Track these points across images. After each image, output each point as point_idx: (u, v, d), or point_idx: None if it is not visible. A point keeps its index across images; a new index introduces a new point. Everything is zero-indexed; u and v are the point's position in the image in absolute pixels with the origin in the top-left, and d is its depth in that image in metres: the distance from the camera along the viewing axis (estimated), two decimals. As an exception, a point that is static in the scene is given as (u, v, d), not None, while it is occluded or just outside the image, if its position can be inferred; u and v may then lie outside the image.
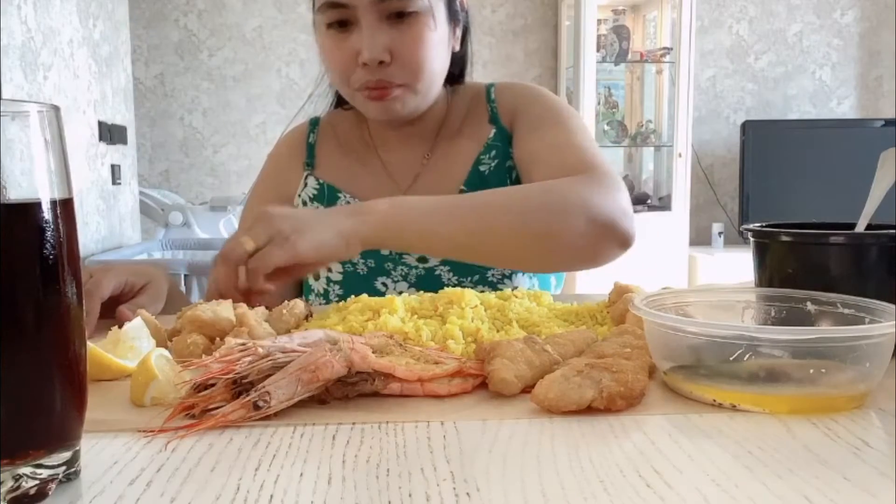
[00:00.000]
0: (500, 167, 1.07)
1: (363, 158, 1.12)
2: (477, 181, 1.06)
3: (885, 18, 3.80)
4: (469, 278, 1.04)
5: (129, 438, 0.46)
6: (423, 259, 1.04)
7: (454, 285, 1.02)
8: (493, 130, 1.09)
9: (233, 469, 0.41)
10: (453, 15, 1.04)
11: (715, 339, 0.51)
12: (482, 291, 0.77)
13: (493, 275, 1.04)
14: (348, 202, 1.08)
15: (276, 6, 3.67)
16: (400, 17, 0.96)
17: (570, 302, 0.78)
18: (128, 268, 0.90)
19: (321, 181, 1.10)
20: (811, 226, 0.67)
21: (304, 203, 1.11)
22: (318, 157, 1.14)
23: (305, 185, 1.11)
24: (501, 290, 0.81)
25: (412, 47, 0.97)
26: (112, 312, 0.81)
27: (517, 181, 1.06)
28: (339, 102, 1.18)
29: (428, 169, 1.10)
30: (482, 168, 1.06)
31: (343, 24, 0.97)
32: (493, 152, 1.07)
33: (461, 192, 1.05)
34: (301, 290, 1.15)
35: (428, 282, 1.03)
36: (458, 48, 1.07)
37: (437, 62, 1.01)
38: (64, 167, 0.39)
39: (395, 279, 1.05)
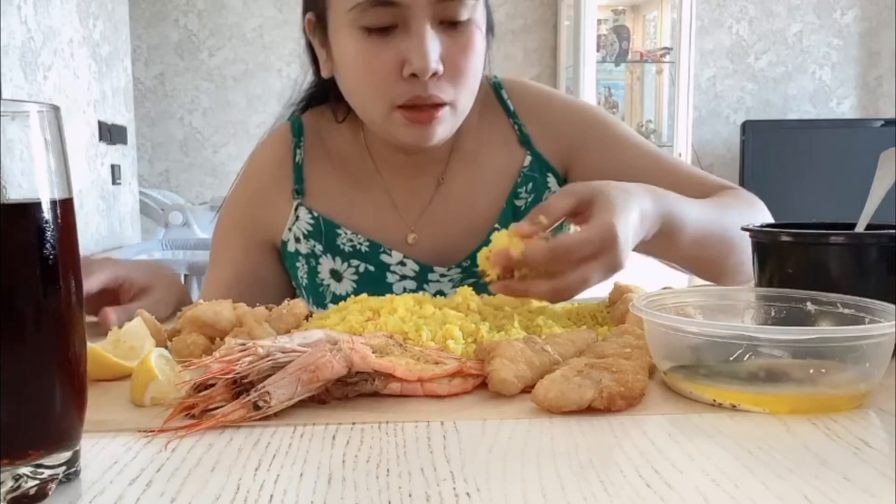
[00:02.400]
0: (536, 201, 0.94)
1: (363, 184, 0.96)
2: (511, 218, 0.92)
3: (885, 18, 3.80)
4: None
5: (129, 438, 0.46)
6: (441, 294, 0.94)
7: None
8: (528, 157, 0.95)
9: (233, 469, 0.41)
10: (489, 22, 0.91)
11: (715, 339, 0.51)
12: None
13: None
14: (350, 240, 0.93)
15: (277, 6, 3.66)
16: (452, 22, 0.83)
17: (571, 302, 0.78)
18: (132, 264, 0.81)
19: (315, 214, 0.94)
20: (811, 226, 0.67)
21: (298, 240, 0.96)
22: (307, 181, 0.96)
23: (297, 217, 0.95)
24: None
25: (464, 57, 0.83)
26: (98, 311, 0.74)
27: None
28: (311, 102, 1.01)
29: (442, 197, 0.95)
30: (518, 203, 0.94)
31: (383, 28, 0.81)
32: (531, 184, 0.94)
33: (496, 230, 0.87)
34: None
35: None
36: None
37: (480, 73, 0.89)
38: (64, 167, 0.39)
39: None
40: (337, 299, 0.94)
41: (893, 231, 0.61)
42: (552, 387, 0.49)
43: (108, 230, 2.80)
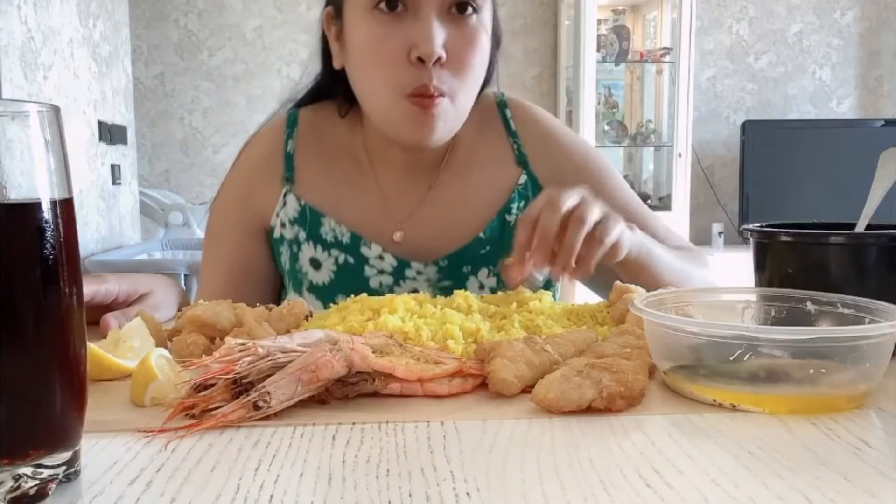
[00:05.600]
0: None
1: (353, 179, 0.98)
2: (498, 231, 0.96)
3: (885, 18, 3.80)
4: None
5: (129, 438, 0.46)
6: (415, 293, 0.93)
7: None
8: (524, 177, 0.98)
9: (233, 469, 0.41)
10: (496, 29, 0.94)
11: (715, 339, 0.51)
12: None
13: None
14: (333, 229, 0.96)
15: (277, 6, 3.66)
16: (461, 10, 0.86)
17: (571, 302, 0.78)
18: (124, 276, 0.82)
19: (302, 202, 0.97)
20: (811, 226, 0.67)
21: (283, 225, 0.98)
22: (297, 169, 0.98)
23: (285, 203, 0.98)
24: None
25: (467, 47, 0.86)
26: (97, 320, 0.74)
27: None
28: (316, 97, 1.04)
29: (431, 202, 0.97)
30: (509, 218, 0.97)
31: (393, 7, 0.85)
32: (524, 202, 0.97)
33: (479, 240, 0.95)
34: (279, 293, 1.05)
35: None
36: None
37: (481, 73, 0.91)
38: (64, 167, 0.39)
39: None
40: (314, 288, 0.96)
41: (893, 231, 0.61)
42: (552, 387, 0.49)
43: (108, 230, 2.80)
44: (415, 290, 0.95)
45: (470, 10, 0.86)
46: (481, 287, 0.96)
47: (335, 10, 0.93)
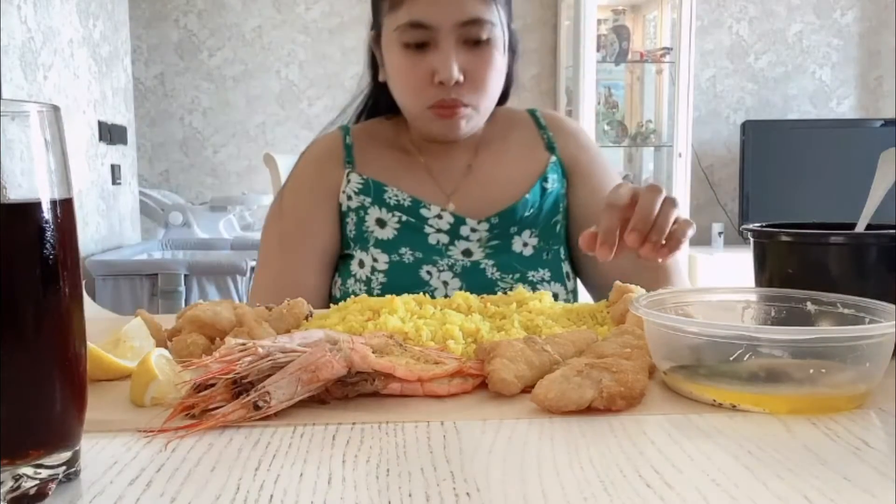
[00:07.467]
0: (557, 193, 1.13)
1: (405, 162, 1.15)
2: (539, 196, 1.12)
3: (885, 18, 3.80)
4: (511, 275, 1.07)
5: (129, 438, 0.46)
6: (467, 252, 1.08)
7: (496, 280, 1.06)
8: (553, 158, 1.14)
9: (233, 469, 0.41)
10: (512, 44, 1.11)
11: (715, 339, 0.51)
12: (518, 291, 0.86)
13: (533, 276, 1.07)
14: (396, 195, 1.10)
15: (276, 7, 3.66)
16: (475, 42, 1.02)
17: (570, 302, 0.78)
18: None
19: (365, 177, 1.11)
20: (811, 226, 0.67)
21: (349, 197, 1.11)
22: (357, 156, 1.14)
23: (349, 181, 1.12)
24: (538, 291, 0.86)
25: (483, 71, 1.04)
26: None
27: (565, 214, 1.14)
28: (370, 115, 1.21)
29: (472, 178, 1.13)
30: (546, 185, 1.13)
31: (419, 45, 1.02)
32: (555, 176, 1.13)
33: (524, 201, 1.09)
34: (335, 274, 1.14)
35: (472, 274, 1.06)
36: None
37: (499, 86, 1.09)
38: (64, 167, 0.39)
39: (441, 269, 1.06)
40: (379, 243, 1.08)
41: (893, 231, 0.61)
42: (552, 387, 0.49)
43: (108, 230, 2.80)
44: (467, 251, 1.08)
45: (483, 39, 1.02)
46: (525, 245, 1.09)
47: (376, 35, 1.10)
